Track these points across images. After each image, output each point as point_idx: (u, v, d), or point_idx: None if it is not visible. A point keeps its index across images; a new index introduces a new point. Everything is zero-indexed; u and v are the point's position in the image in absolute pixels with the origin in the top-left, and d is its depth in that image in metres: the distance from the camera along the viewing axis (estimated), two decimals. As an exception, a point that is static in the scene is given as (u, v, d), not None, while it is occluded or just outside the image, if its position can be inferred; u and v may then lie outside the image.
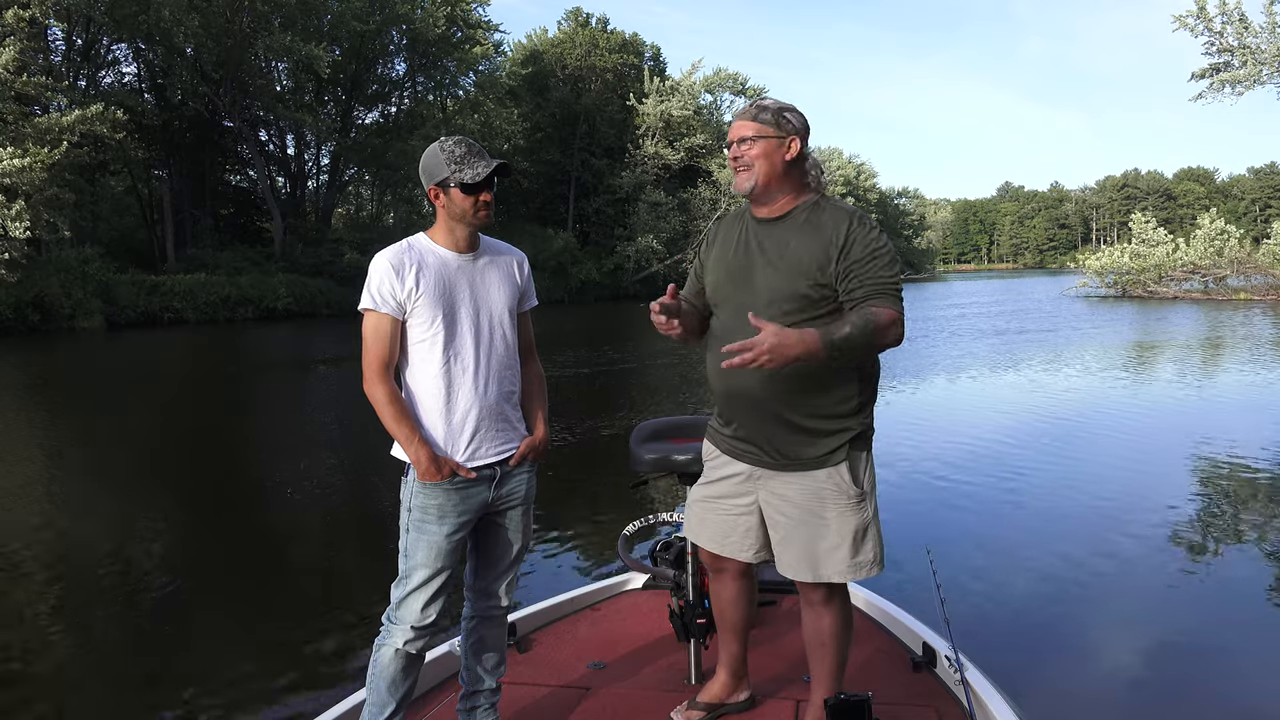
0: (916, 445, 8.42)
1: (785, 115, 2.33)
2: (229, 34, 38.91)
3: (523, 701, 2.77)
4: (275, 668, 3.91)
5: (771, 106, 2.34)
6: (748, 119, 2.34)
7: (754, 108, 2.35)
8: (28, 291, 28.97)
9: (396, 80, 50.52)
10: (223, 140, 46.10)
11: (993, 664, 2.94)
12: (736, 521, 2.47)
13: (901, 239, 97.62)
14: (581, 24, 61.48)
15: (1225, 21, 32.35)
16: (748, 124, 2.33)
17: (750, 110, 2.35)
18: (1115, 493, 6.65)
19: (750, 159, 2.31)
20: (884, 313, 2.16)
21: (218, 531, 6.37)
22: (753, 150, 2.31)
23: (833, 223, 2.29)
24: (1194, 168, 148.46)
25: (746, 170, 2.32)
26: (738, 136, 2.34)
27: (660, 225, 55.89)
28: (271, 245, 43.44)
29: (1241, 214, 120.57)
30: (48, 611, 4.78)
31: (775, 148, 2.31)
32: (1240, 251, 37.33)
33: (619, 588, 3.71)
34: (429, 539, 2.35)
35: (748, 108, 2.37)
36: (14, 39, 29.67)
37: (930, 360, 16.08)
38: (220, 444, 10.28)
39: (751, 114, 2.34)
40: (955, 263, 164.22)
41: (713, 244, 2.54)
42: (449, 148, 2.34)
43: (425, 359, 2.36)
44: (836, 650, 2.47)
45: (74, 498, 7.41)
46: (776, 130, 2.32)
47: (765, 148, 2.31)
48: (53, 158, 29.11)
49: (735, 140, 2.34)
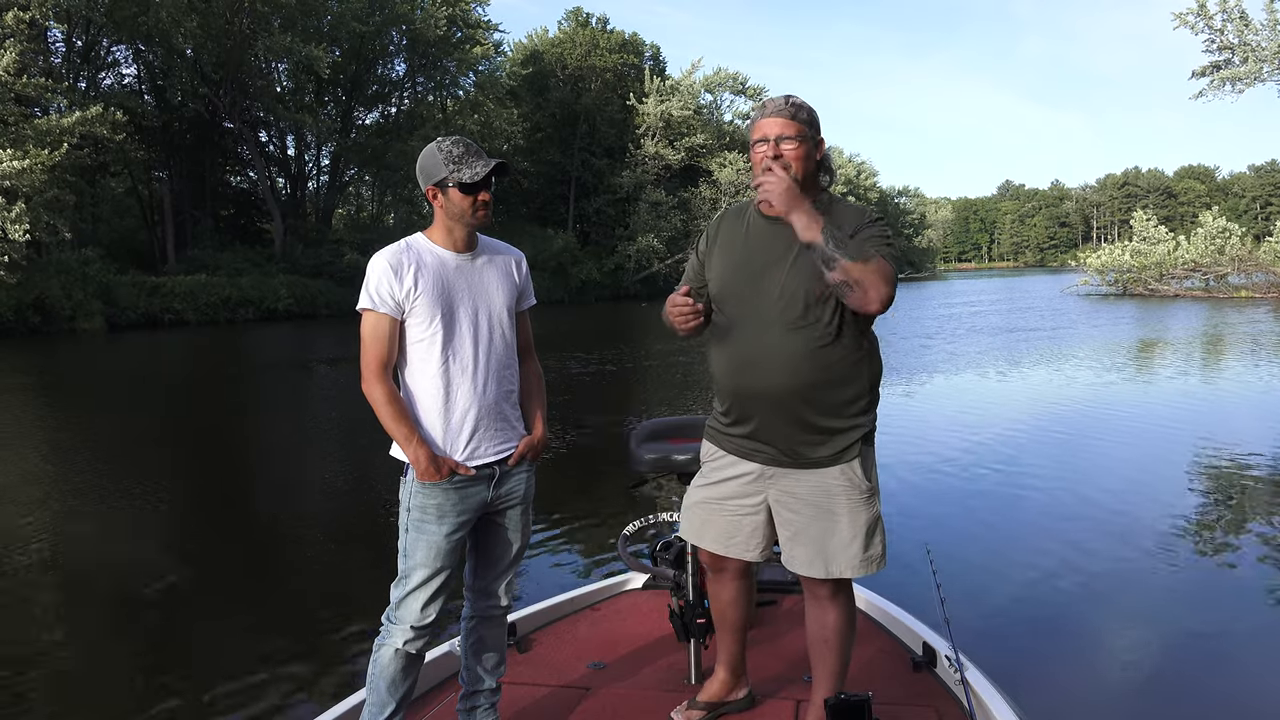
0: (917, 444, 8.42)
1: (814, 115, 2.34)
2: (228, 35, 38.92)
3: (523, 701, 2.77)
4: (275, 668, 3.91)
5: (804, 105, 2.32)
6: (785, 116, 2.29)
7: (791, 106, 2.30)
8: (28, 293, 28.97)
9: (396, 81, 50.55)
10: (223, 141, 46.12)
11: (993, 664, 2.93)
12: (742, 521, 2.46)
13: (902, 238, 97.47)
14: (582, 24, 61.48)
15: (1226, 19, 32.35)
16: (787, 122, 2.28)
17: (787, 108, 2.30)
18: (1116, 492, 6.64)
19: (789, 159, 2.28)
20: (885, 266, 2.17)
21: (217, 532, 6.37)
22: (794, 151, 2.28)
23: (846, 220, 2.29)
24: (1195, 165, 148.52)
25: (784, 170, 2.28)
26: (777, 134, 2.28)
27: (661, 225, 55.87)
28: (272, 246, 43.45)
29: (1242, 211, 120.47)
30: (47, 611, 4.78)
31: (811, 149, 2.31)
32: (1241, 249, 37.31)
33: (619, 588, 3.71)
34: (428, 539, 2.34)
35: (783, 105, 2.31)
36: (14, 41, 29.68)
37: (930, 359, 16.07)
38: (220, 444, 10.28)
39: (790, 112, 2.29)
40: (956, 261, 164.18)
41: (714, 241, 2.50)
42: (446, 148, 2.34)
43: (424, 359, 2.36)
44: (840, 648, 2.47)
45: (74, 497, 7.41)
46: (811, 130, 2.31)
47: (805, 149, 2.29)
48: (53, 159, 29.12)
49: (774, 138, 2.28)
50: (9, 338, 27.65)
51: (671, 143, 58.56)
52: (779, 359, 2.29)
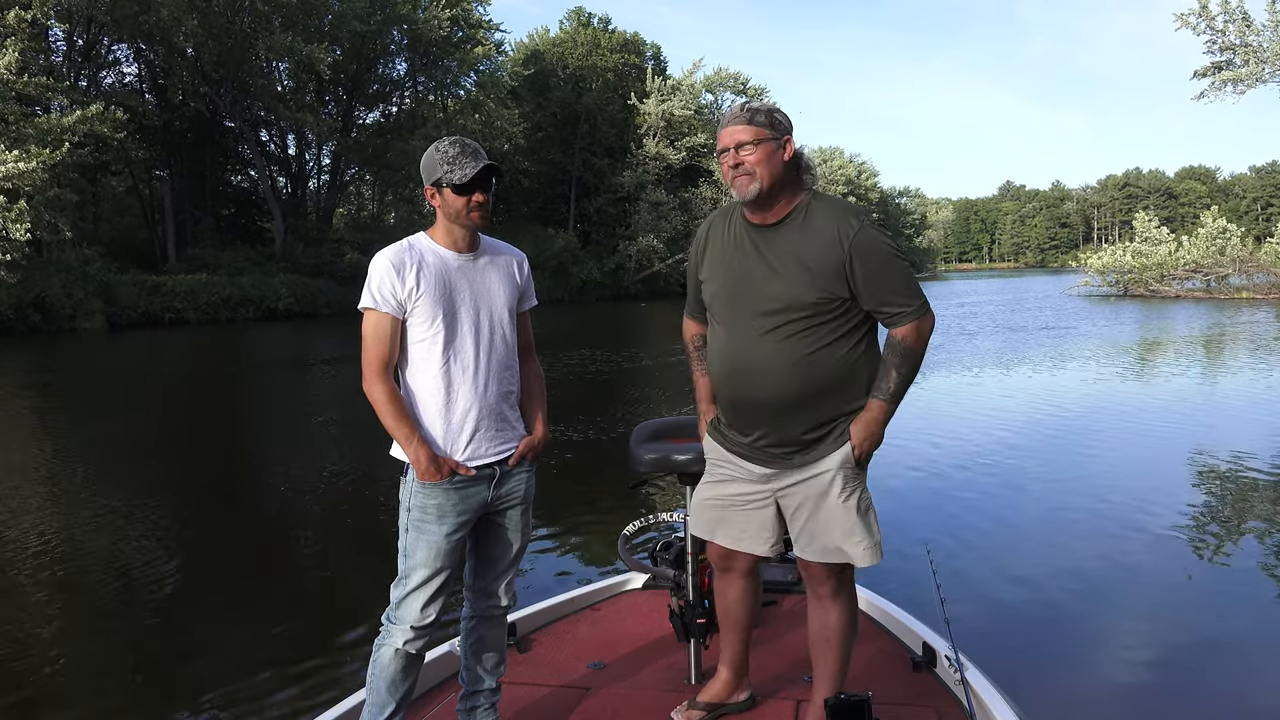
0: (917, 443, 8.41)
1: (776, 116, 2.31)
2: (229, 34, 38.89)
3: (523, 701, 2.77)
4: (275, 668, 3.91)
5: (763, 108, 2.30)
6: (742, 123, 2.28)
7: (746, 111, 2.29)
8: (29, 292, 28.98)
9: (397, 80, 50.50)
10: (224, 140, 46.11)
11: (993, 664, 2.93)
12: (752, 517, 2.47)
13: (903, 238, 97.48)
14: (583, 24, 61.46)
15: (1227, 20, 32.34)
16: (744, 129, 2.27)
17: (743, 114, 2.29)
18: (1117, 492, 6.64)
19: (751, 165, 2.25)
20: (908, 334, 2.29)
21: (217, 531, 6.37)
22: (753, 155, 2.25)
23: (830, 227, 2.26)
24: (1195, 166, 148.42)
25: (748, 176, 2.26)
26: (734, 142, 2.27)
27: (661, 225, 55.85)
28: (272, 245, 43.44)
29: (1243, 213, 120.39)
30: (47, 610, 4.78)
31: (774, 150, 2.27)
32: (1242, 250, 37.28)
33: (619, 588, 3.71)
34: (428, 539, 2.34)
35: (738, 112, 2.31)
36: (15, 39, 29.67)
37: (930, 358, 16.06)
38: (220, 444, 10.28)
39: (746, 118, 2.28)
40: (956, 262, 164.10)
41: (705, 248, 2.49)
42: (444, 148, 2.34)
43: (425, 358, 2.36)
44: (841, 646, 2.47)
45: (74, 497, 7.41)
46: (772, 131, 2.27)
47: (766, 151, 2.26)
48: (54, 158, 29.12)
49: (732, 146, 2.27)
50: (9, 336, 27.66)
51: (672, 142, 58.56)
52: (771, 369, 2.30)
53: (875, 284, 2.25)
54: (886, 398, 2.30)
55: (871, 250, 2.25)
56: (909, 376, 2.31)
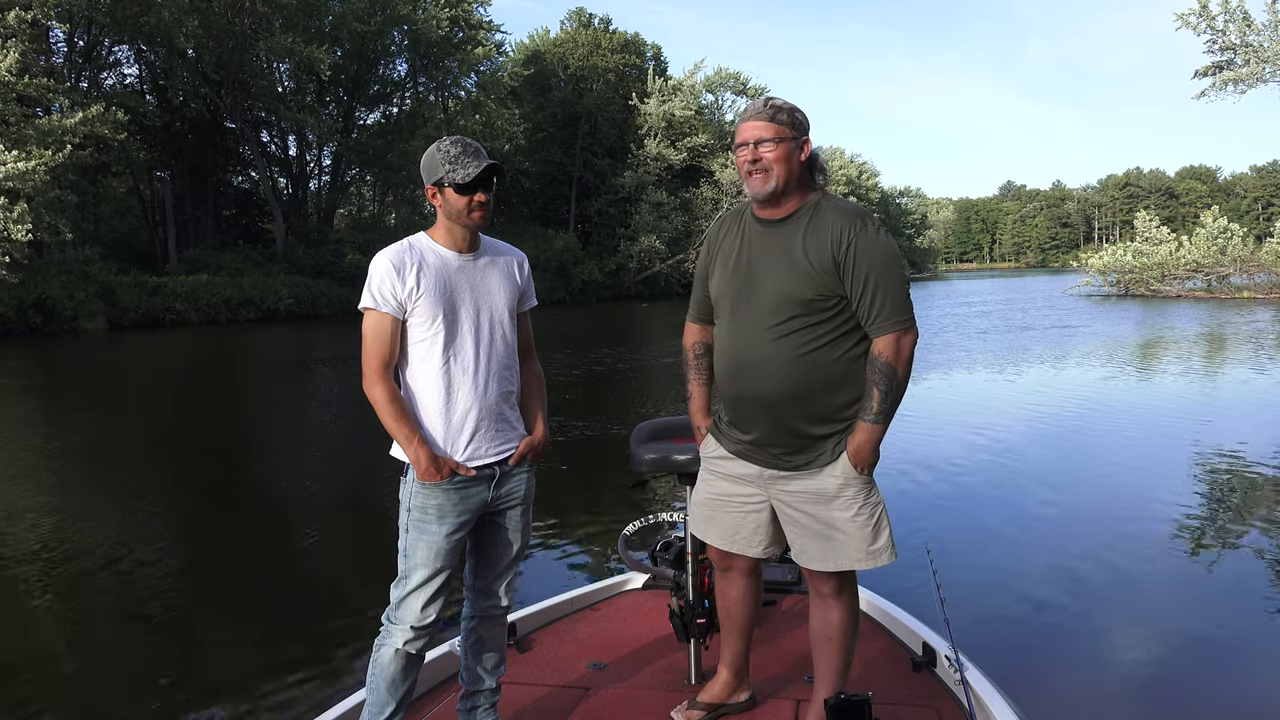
0: (917, 443, 8.41)
1: (797, 115, 2.30)
2: (230, 35, 38.91)
3: (523, 701, 2.77)
4: (274, 668, 3.91)
5: (785, 106, 2.29)
6: (764, 119, 2.26)
7: (769, 108, 2.28)
8: (30, 293, 28.97)
9: (398, 81, 50.48)
10: (224, 141, 46.10)
11: (993, 664, 2.93)
12: (746, 518, 2.47)
13: (904, 238, 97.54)
14: (584, 24, 61.45)
15: (1228, 19, 32.32)
16: (765, 125, 2.25)
17: (765, 110, 2.27)
18: (1117, 492, 6.64)
19: (769, 162, 2.25)
20: (886, 348, 2.25)
21: (217, 531, 6.38)
22: (772, 153, 2.24)
23: (833, 226, 2.26)
24: (1196, 166, 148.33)
25: (764, 174, 2.25)
26: (755, 138, 2.26)
27: (662, 225, 55.84)
28: (273, 246, 43.43)
29: (1244, 212, 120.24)
30: (46, 610, 4.78)
31: (792, 150, 2.27)
32: (1243, 250, 37.26)
33: (619, 588, 3.71)
34: (428, 539, 2.34)
35: (761, 108, 2.29)
36: (16, 40, 29.69)
37: (930, 358, 16.05)
38: (220, 444, 10.28)
39: (768, 114, 2.26)
40: (957, 262, 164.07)
41: (715, 246, 2.50)
42: (445, 148, 2.34)
43: (425, 359, 2.36)
44: (843, 646, 2.47)
45: (74, 497, 7.42)
46: (792, 131, 2.27)
47: (784, 150, 2.25)
48: (55, 160, 29.12)
49: (752, 141, 2.26)
50: (10, 337, 27.67)
51: (673, 143, 58.52)
52: (771, 365, 2.29)
53: (865, 282, 2.23)
54: (872, 418, 2.27)
55: (871, 250, 2.24)
56: (891, 395, 2.26)
